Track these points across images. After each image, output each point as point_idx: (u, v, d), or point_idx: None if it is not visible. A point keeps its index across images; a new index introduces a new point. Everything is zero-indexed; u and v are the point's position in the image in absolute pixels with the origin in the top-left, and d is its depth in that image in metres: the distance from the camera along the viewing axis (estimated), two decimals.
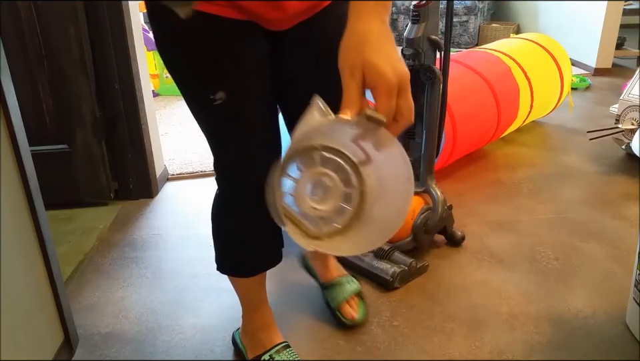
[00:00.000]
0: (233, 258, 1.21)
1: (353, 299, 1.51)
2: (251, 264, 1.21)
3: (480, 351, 1.40)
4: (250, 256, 1.19)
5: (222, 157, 1.06)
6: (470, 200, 2.23)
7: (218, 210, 1.16)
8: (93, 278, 1.76)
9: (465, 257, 1.82)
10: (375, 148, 0.70)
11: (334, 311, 1.50)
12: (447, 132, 2.17)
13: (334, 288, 1.51)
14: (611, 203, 2.17)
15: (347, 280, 1.53)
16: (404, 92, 0.67)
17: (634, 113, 2.50)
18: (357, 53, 0.67)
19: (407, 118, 0.68)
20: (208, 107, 0.96)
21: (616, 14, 4.10)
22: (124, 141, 2.20)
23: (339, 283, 1.52)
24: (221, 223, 1.18)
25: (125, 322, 1.55)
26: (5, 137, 1.17)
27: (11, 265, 1.16)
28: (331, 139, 0.70)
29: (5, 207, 1.14)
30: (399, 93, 0.67)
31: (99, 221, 2.12)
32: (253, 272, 1.22)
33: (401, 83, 0.67)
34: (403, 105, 0.67)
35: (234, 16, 0.90)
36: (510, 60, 2.63)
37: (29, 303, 1.25)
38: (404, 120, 0.68)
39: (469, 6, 5.30)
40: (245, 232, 1.14)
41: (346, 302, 1.49)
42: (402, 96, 0.67)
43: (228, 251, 1.21)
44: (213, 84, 0.93)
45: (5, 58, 1.17)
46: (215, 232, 1.20)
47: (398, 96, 0.67)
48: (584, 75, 4.08)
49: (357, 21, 0.69)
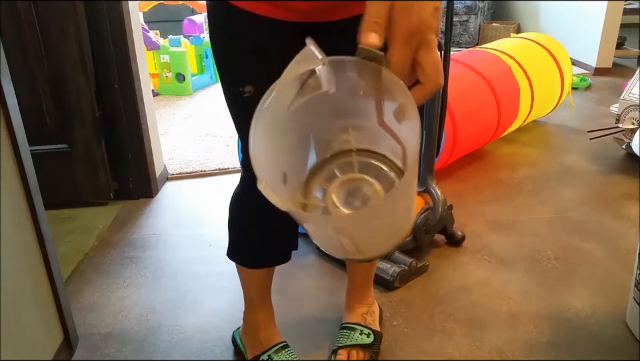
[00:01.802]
0: (243, 247, 1.22)
1: (355, 351, 1.34)
2: (260, 256, 1.22)
3: (480, 351, 1.40)
4: (260, 249, 1.21)
5: (247, 147, 1.07)
6: (470, 199, 2.23)
7: (237, 198, 1.18)
8: (93, 278, 1.76)
9: (465, 257, 1.82)
10: (395, 119, 0.56)
11: (330, 352, 1.38)
12: (447, 132, 2.17)
13: (344, 330, 1.39)
14: (611, 203, 2.17)
15: (362, 329, 1.38)
16: (427, 45, 0.53)
17: (634, 113, 2.50)
18: None
19: (433, 78, 0.54)
20: (238, 99, 0.99)
21: (616, 13, 4.09)
22: (124, 141, 2.20)
23: (351, 327, 1.39)
24: (237, 212, 1.19)
25: (124, 321, 1.55)
26: (4, 137, 1.17)
27: (11, 265, 1.16)
28: (356, 117, 0.56)
29: (5, 207, 1.14)
30: (420, 46, 0.53)
31: (99, 221, 2.12)
32: (261, 265, 1.23)
33: (423, 33, 0.53)
34: (425, 61, 0.53)
35: (270, 14, 0.93)
36: (510, 60, 2.62)
37: (29, 302, 1.25)
38: (429, 80, 0.54)
39: (469, 6, 5.30)
40: (260, 225, 1.15)
41: (346, 351, 1.34)
42: (424, 50, 0.53)
43: (240, 240, 1.22)
44: (243, 78, 0.97)
45: (5, 58, 1.17)
46: (231, 221, 1.21)
47: (419, 49, 0.53)
48: (584, 75, 4.07)
49: None
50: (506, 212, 2.12)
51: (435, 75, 0.54)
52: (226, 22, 0.97)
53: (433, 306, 1.57)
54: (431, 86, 0.54)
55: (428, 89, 0.54)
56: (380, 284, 1.64)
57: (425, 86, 0.54)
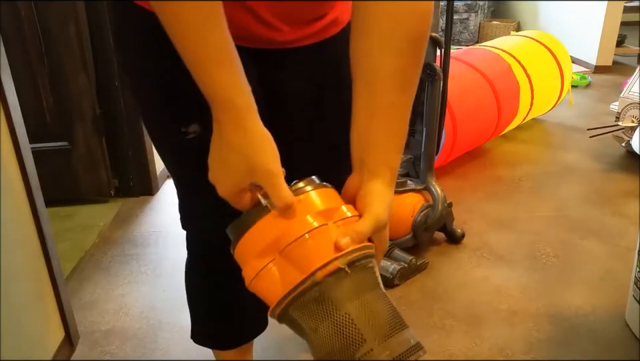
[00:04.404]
0: (212, 327, 1.04)
1: None
2: (236, 332, 1.04)
3: (479, 348, 1.40)
4: (233, 324, 1.02)
5: (192, 206, 0.89)
6: (470, 197, 2.23)
7: (190, 272, 1.01)
8: (94, 275, 1.76)
9: (464, 254, 1.82)
10: None
11: None
12: (447, 130, 2.17)
13: None
14: (610, 200, 2.18)
15: None
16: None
17: (634, 111, 2.50)
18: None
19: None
20: (179, 143, 0.77)
21: (616, 11, 4.09)
22: (124, 138, 2.20)
23: None
24: (194, 287, 1.02)
25: (125, 318, 1.55)
26: (5, 134, 1.17)
27: (12, 262, 1.16)
28: None
29: (6, 204, 1.14)
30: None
31: (100, 218, 2.12)
32: (240, 342, 1.05)
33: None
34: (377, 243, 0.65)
35: None
36: (510, 58, 2.62)
37: (30, 300, 1.25)
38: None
39: (469, 4, 5.30)
40: (224, 296, 0.98)
41: None
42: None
43: (205, 319, 1.04)
44: (186, 114, 0.75)
45: (5, 56, 1.17)
46: (189, 298, 1.04)
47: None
48: (584, 73, 4.07)
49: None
50: (506, 210, 2.12)
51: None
52: (163, 45, 0.62)
53: (432, 304, 1.57)
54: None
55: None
56: None
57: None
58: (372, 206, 0.63)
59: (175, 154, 0.84)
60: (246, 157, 0.59)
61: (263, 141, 0.60)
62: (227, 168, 0.60)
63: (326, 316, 0.57)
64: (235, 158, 0.59)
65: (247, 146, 0.59)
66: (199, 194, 0.78)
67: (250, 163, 0.59)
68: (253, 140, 0.59)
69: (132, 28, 0.75)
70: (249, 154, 0.59)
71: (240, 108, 0.59)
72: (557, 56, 2.84)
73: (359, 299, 0.58)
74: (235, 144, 0.59)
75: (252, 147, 0.59)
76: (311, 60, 0.84)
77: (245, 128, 0.59)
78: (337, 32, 0.84)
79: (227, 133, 0.60)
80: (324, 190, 0.63)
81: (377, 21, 0.64)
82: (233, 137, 0.59)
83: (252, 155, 0.59)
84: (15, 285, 1.17)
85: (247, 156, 0.59)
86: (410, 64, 0.65)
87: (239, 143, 0.59)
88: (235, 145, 0.59)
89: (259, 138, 0.60)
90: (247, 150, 0.59)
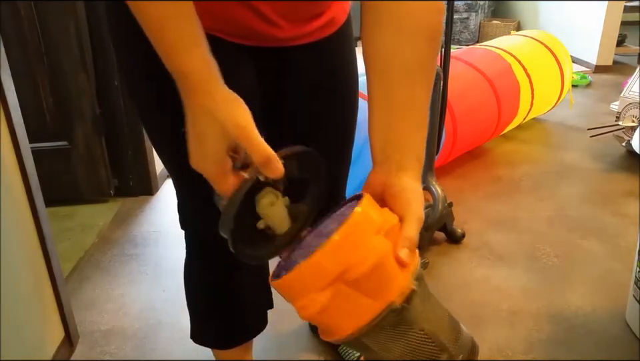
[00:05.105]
0: (212, 326, 1.04)
1: None
2: (235, 331, 1.04)
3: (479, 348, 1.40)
4: (233, 322, 1.03)
5: (191, 206, 0.91)
6: (470, 197, 2.23)
7: (189, 272, 1.01)
8: (93, 275, 1.76)
9: (464, 254, 1.82)
10: None
11: None
12: (447, 129, 2.16)
13: None
14: (611, 200, 2.17)
15: None
16: None
17: (634, 110, 2.50)
18: None
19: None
20: (176, 142, 0.72)
21: (617, 11, 4.09)
22: (124, 138, 2.20)
23: None
24: (193, 287, 1.03)
25: (125, 318, 1.55)
26: (5, 134, 1.17)
27: (11, 262, 1.16)
28: None
29: (5, 204, 1.14)
30: None
31: (99, 218, 2.12)
32: (239, 341, 1.06)
33: None
34: None
35: (233, 39, 0.77)
36: (510, 57, 2.62)
37: (29, 300, 1.25)
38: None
39: (469, 3, 5.30)
40: (223, 296, 0.99)
41: None
42: None
43: (204, 318, 1.04)
44: (183, 115, 0.71)
45: (5, 56, 1.17)
46: (189, 298, 1.05)
47: None
48: (584, 72, 4.07)
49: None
50: (506, 210, 2.12)
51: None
52: (151, 48, 0.63)
53: None
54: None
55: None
56: None
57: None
58: (411, 206, 0.61)
59: (173, 154, 0.84)
60: (215, 118, 0.57)
61: (231, 101, 0.59)
62: (202, 140, 0.59)
63: (401, 336, 0.57)
64: (205, 123, 0.58)
65: (215, 108, 0.58)
66: (197, 194, 0.77)
67: (221, 122, 0.57)
68: (221, 102, 0.58)
69: (127, 27, 0.74)
70: (219, 115, 0.57)
71: (204, 77, 0.59)
72: (557, 56, 2.84)
73: (426, 311, 0.58)
74: (204, 109, 0.58)
75: (220, 108, 0.58)
76: (308, 59, 0.86)
77: (210, 93, 0.58)
78: (333, 33, 0.87)
79: (194, 103, 0.59)
80: (366, 200, 0.59)
81: (395, 17, 0.63)
82: (202, 102, 0.58)
83: (222, 114, 0.57)
84: (14, 285, 1.17)
85: (217, 117, 0.57)
86: (428, 58, 0.65)
87: (208, 106, 0.58)
88: (204, 110, 0.58)
89: (226, 99, 0.59)
90: (216, 113, 0.57)
